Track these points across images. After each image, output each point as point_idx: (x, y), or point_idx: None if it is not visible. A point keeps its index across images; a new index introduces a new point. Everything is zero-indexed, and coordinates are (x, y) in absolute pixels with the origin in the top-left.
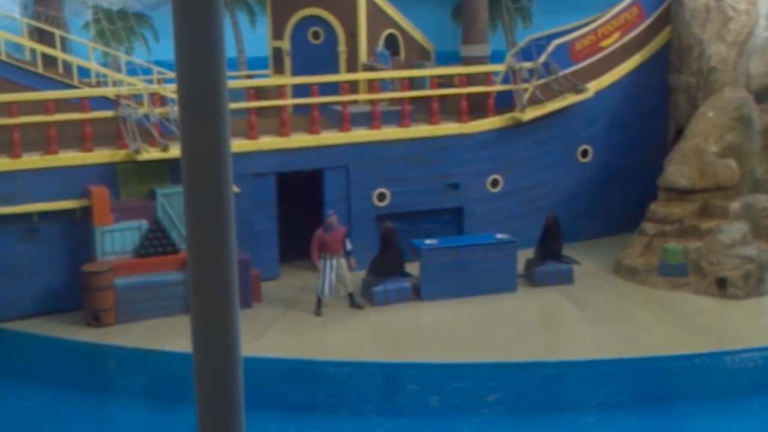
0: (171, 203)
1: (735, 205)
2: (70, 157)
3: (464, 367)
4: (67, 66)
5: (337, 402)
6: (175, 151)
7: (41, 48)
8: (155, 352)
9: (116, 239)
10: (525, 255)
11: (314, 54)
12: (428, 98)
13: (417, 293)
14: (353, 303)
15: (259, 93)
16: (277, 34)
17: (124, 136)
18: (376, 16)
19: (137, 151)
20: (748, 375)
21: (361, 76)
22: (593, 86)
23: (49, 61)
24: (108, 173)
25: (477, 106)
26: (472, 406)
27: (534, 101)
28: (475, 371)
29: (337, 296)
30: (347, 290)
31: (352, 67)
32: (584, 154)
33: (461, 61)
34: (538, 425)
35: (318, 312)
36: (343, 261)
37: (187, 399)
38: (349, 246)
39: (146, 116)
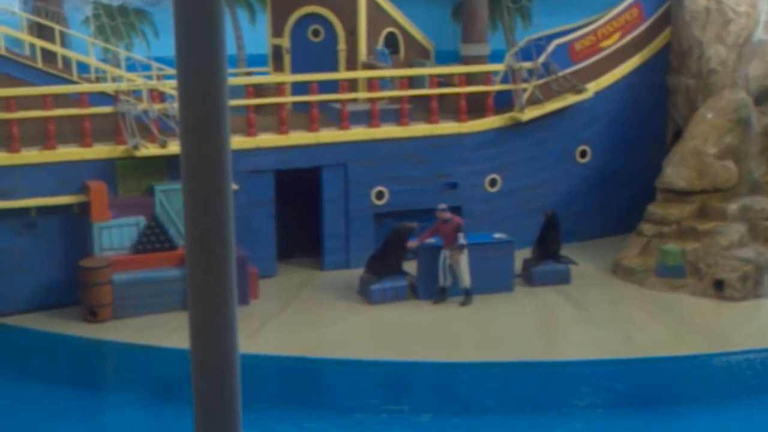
0: (169, 199)
1: (733, 207)
2: (68, 153)
3: (461, 366)
4: (67, 61)
5: (333, 400)
6: (174, 147)
7: (41, 43)
8: (152, 348)
9: (114, 235)
10: (523, 255)
11: (314, 52)
12: (427, 97)
13: (414, 292)
14: (465, 298)
15: (259, 90)
16: (277, 32)
17: (123, 131)
18: (376, 14)
19: (136, 147)
20: (744, 376)
21: (361, 74)
22: (593, 87)
23: (49, 56)
24: (106, 169)
25: (476, 106)
26: (468, 406)
27: (533, 101)
28: (472, 370)
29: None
30: (461, 285)
31: (351, 65)
32: (583, 154)
33: (461, 61)
34: (535, 425)
35: (437, 300)
36: (457, 254)
37: (185, 395)
38: (461, 240)
39: (145, 112)
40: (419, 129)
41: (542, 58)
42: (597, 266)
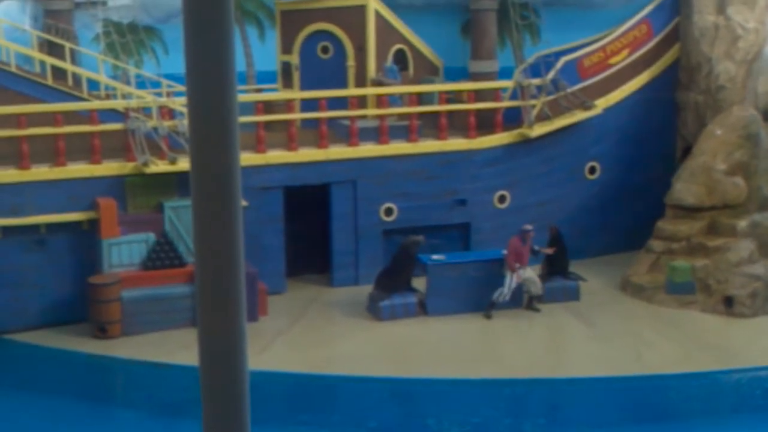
0: (179, 216)
1: (742, 223)
2: (78, 170)
3: (470, 383)
4: (77, 78)
5: (342, 417)
6: (183, 164)
7: (51, 60)
8: (161, 365)
9: (123, 252)
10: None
11: (323, 68)
12: (436, 114)
13: (423, 308)
14: (531, 305)
15: (268, 107)
16: (287, 49)
17: (132, 148)
18: (385, 31)
19: (146, 164)
20: (754, 394)
21: (370, 91)
22: (601, 103)
23: (59, 73)
24: (116, 186)
25: (485, 122)
26: (477, 423)
27: (542, 118)
28: (481, 387)
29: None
30: (537, 293)
31: (360, 82)
32: (592, 170)
33: (470, 77)
34: None
35: (488, 315)
36: (529, 269)
37: (193, 412)
38: (536, 248)
39: (155, 129)
40: (428, 145)
41: (551, 75)
42: (606, 283)
